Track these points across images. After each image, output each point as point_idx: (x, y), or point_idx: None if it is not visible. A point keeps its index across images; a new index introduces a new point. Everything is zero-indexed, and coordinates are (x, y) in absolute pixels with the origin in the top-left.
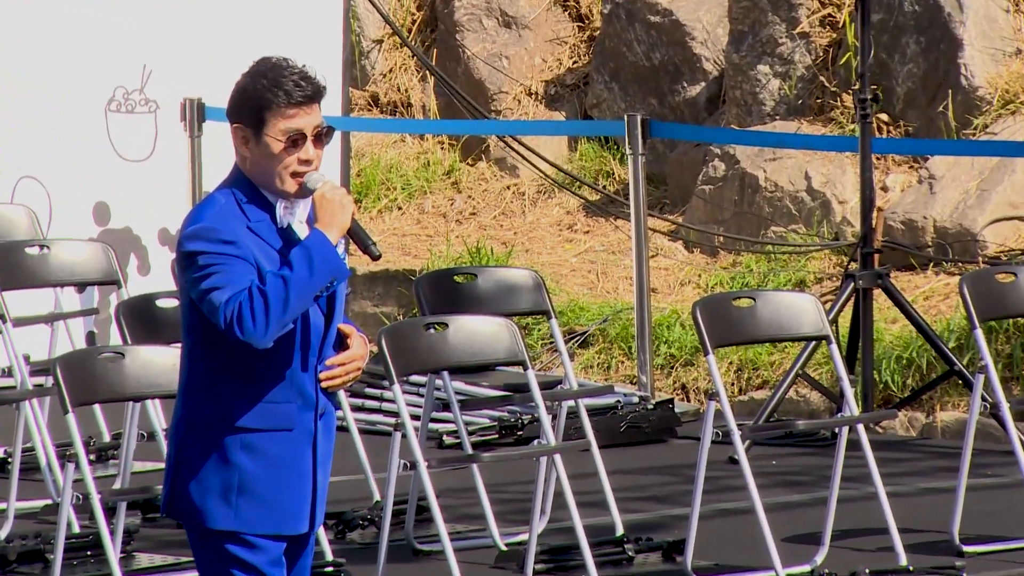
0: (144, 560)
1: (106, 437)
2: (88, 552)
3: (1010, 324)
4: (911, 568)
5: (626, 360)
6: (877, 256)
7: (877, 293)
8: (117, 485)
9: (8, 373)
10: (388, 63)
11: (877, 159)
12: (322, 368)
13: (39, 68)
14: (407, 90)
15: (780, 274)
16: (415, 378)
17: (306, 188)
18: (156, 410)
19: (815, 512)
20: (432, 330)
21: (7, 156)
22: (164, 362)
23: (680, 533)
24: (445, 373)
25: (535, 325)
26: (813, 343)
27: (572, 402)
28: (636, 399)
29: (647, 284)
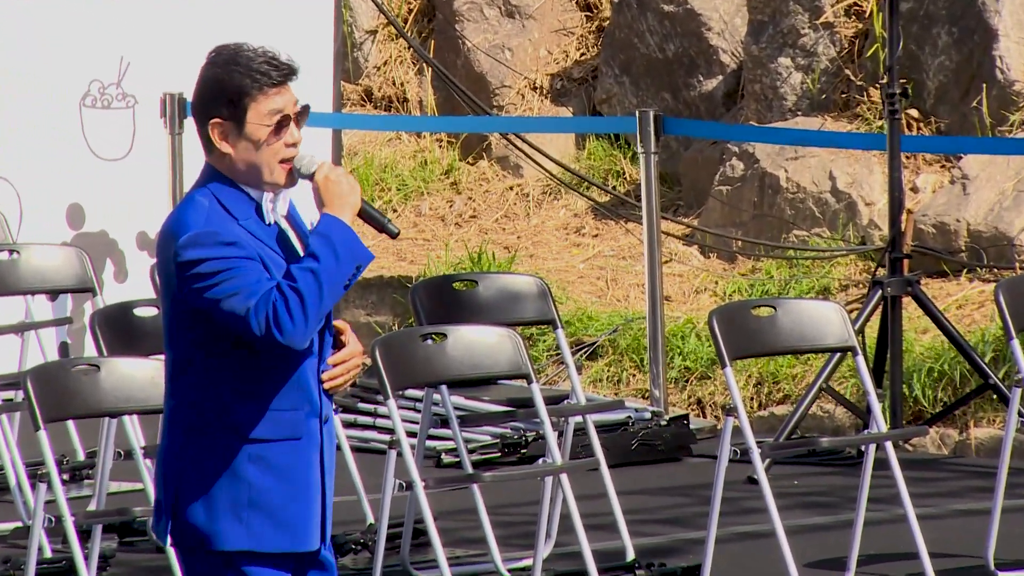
0: None
1: (80, 455)
2: None
3: None
4: None
5: (637, 373)
6: (906, 262)
7: (906, 301)
8: (92, 507)
9: None
10: (383, 55)
11: (906, 158)
12: (324, 369)
13: (7, 60)
14: (403, 84)
15: (802, 281)
16: (411, 392)
17: (298, 174)
18: (134, 426)
19: (840, 536)
20: (429, 341)
21: None
22: (143, 375)
23: (695, 558)
24: (443, 387)
25: (540, 336)
26: (838, 355)
27: (580, 418)
28: (648, 415)
29: (660, 292)
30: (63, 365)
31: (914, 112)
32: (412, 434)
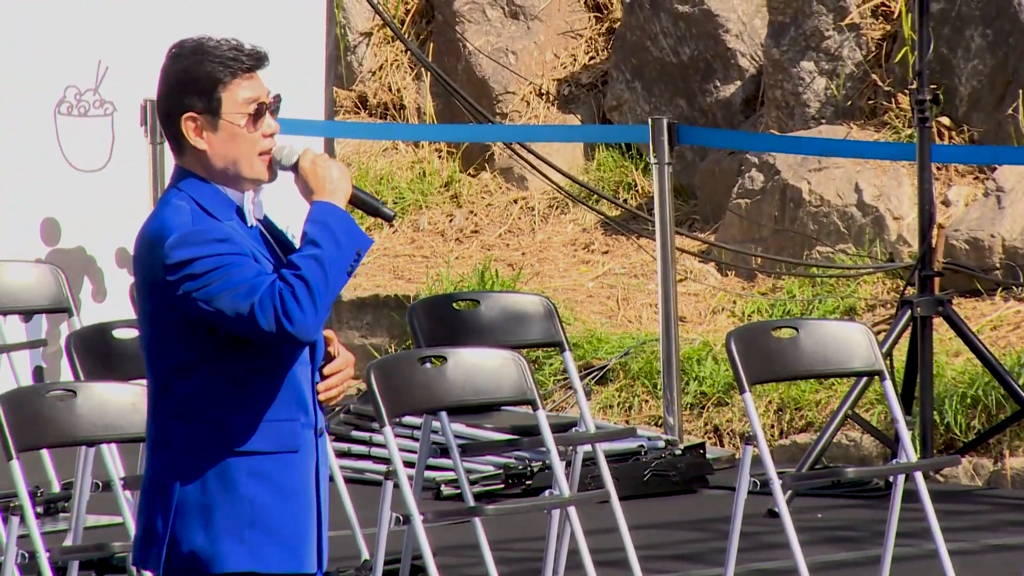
0: None
1: (56, 487)
2: None
3: None
4: None
5: (650, 399)
6: (937, 280)
7: (937, 322)
8: (68, 542)
9: None
10: (378, 59)
11: (937, 169)
12: (315, 377)
13: None
14: (400, 90)
15: (827, 300)
16: (409, 420)
17: (278, 165)
18: (113, 456)
19: (867, 572)
20: (428, 364)
21: None
22: (122, 401)
23: None
24: (443, 414)
25: (546, 359)
26: (864, 379)
27: (589, 447)
28: (662, 443)
29: (674, 312)
30: (37, 390)
31: (945, 120)
32: (410, 464)
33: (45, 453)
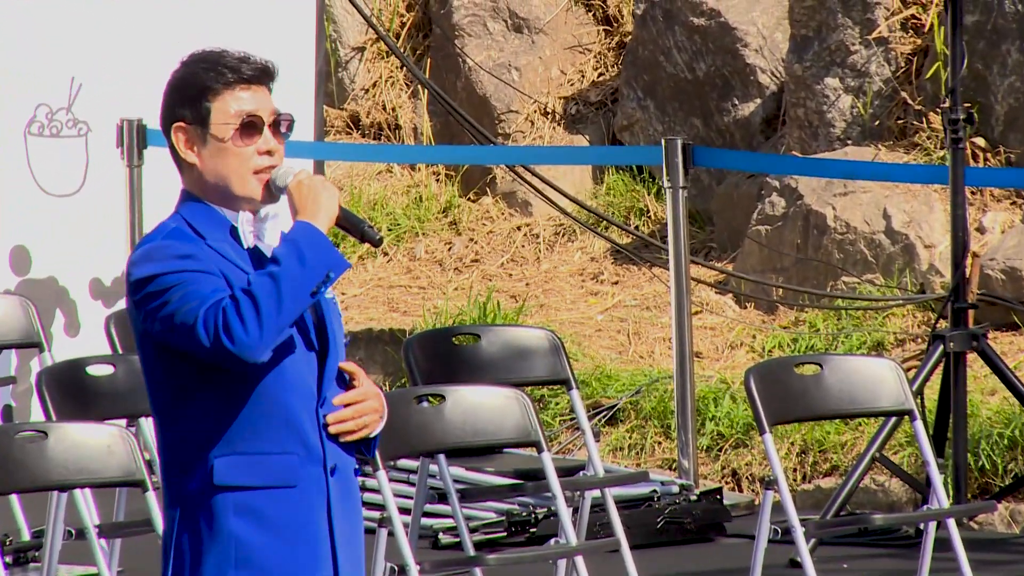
0: None
1: (26, 535)
2: None
3: None
4: None
5: (664, 440)
6: (972, 313)
7: (972, 358)
8: None
9: None
10: (371, 76)
11: (972, 193)
12: (325, 409)
13: None
14: (394, 109)
15: (853, 335)
16: (404, 463)
17: (275, 188)
18: (87, 502)
19: None
20: (425, 403)
21: None
22: (96, 443)
23: None
24: (441, 456)
25: (552, 397)
26: (893, 420)
27: (597, 492)
28: (676, 488)
29: (690, 347)
30: (6, 431)
31: (980, 141)
32: (405, 510)
33: (14, 499)
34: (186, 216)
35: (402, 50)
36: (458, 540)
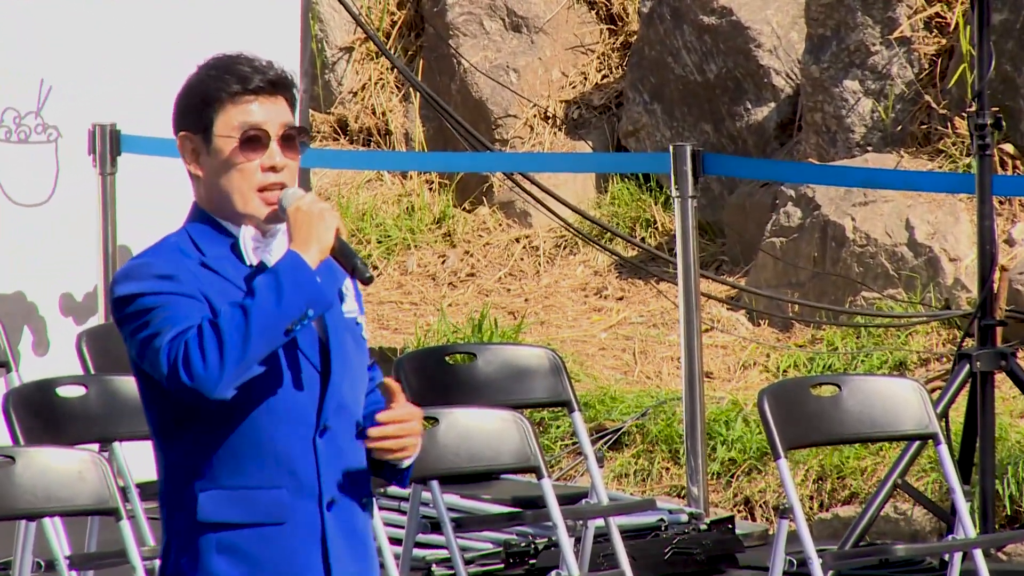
0: None
1: None
2: None
3: None
4: None
5: (672, 466)
6: (1000, 330)
7: (1000, 378)
8: None
9: None
10: (360, 78)
11: (1000, 203)
12: (326, 438)
13: None
14: (385, 113)
15: (873, 354)
16: (395, 490)
17: (281, 211)
18: (57, 531)
19: None
20: None
21: None
22: (67, 469)
23: None
24: (434, 483)
25: (553, 420)
26: (916, 444)
27: (601, 521)
28: (685, 517)
29: (699, 367)
30: None
31: (1009, 147)
32: (396, 540)
33: None
34: (191, 229)
35: (393, 51)
36: (452, 573)
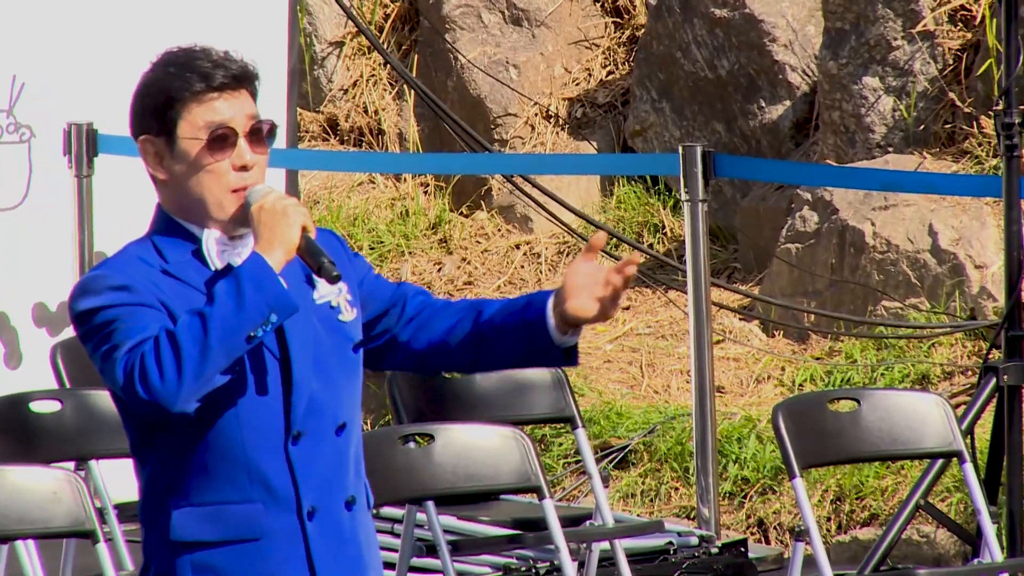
0: None
1: None
2: None
3: None
4: None
5: (681, 486)
6: None
7: None
8: None
9: None
10: (351, 74)
11: None
12: (300, 446)
13: None
14: (377, 112)
15: (894, 367)
16: (388, 511)
17: (248, 207)
18: (30, 554)
19: None
20: (412, 444)
21: None
22: (41, 489)
23: None
24: (430, 504)
25: (555, 437)
26: (940, 462)
27: (606, 544)
28: (695, 540)
29: (710, 381)
30: None
31: None
32: (390, 565)
33: None
34: (155, 236)
35: (386, 45)
36: None
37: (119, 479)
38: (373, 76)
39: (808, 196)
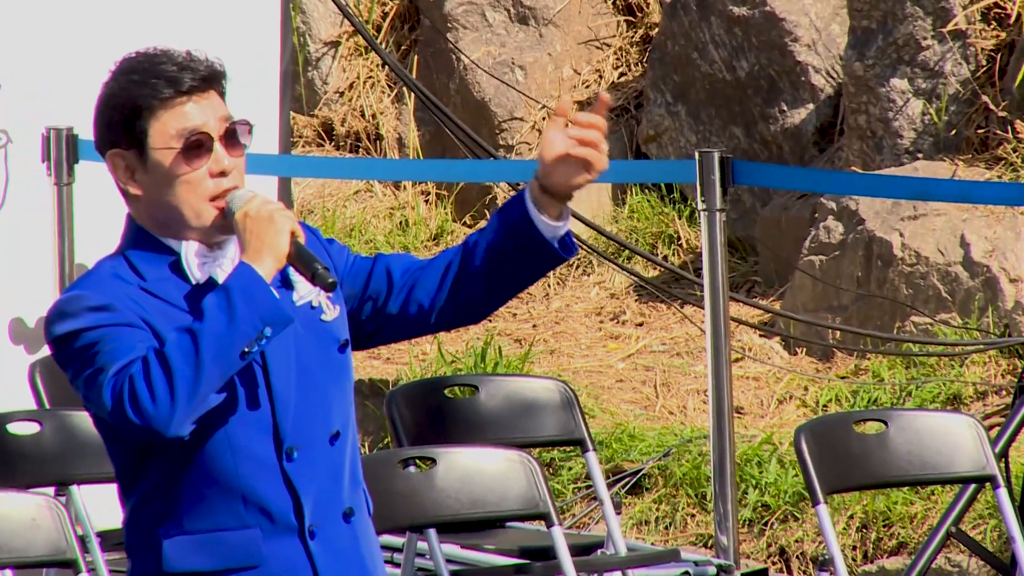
0: None
1: None
2: None
3: None
4: None
5: (698, 512)
6: None
7: None
8: None
9: None
10: (347, 76)
11: None
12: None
13: None
14: (375, 116)
15: (924, 386)
16: (387, 539)
17: (229, 215)
18: None
19: None
20: (413, 468)
21: None
22: (19, 516)
23: None
24: (431, 531)
25: (564, 461)
26: (972, 487)
27: (619, 574)
28: (713, 569)
29: (729, 401)
30: None
31: None
32: None
33: None
34: (127, 251)
35: (384, 45)
36: None
37: (102, 505)
38: (371, 78)
39: (832, 205)
